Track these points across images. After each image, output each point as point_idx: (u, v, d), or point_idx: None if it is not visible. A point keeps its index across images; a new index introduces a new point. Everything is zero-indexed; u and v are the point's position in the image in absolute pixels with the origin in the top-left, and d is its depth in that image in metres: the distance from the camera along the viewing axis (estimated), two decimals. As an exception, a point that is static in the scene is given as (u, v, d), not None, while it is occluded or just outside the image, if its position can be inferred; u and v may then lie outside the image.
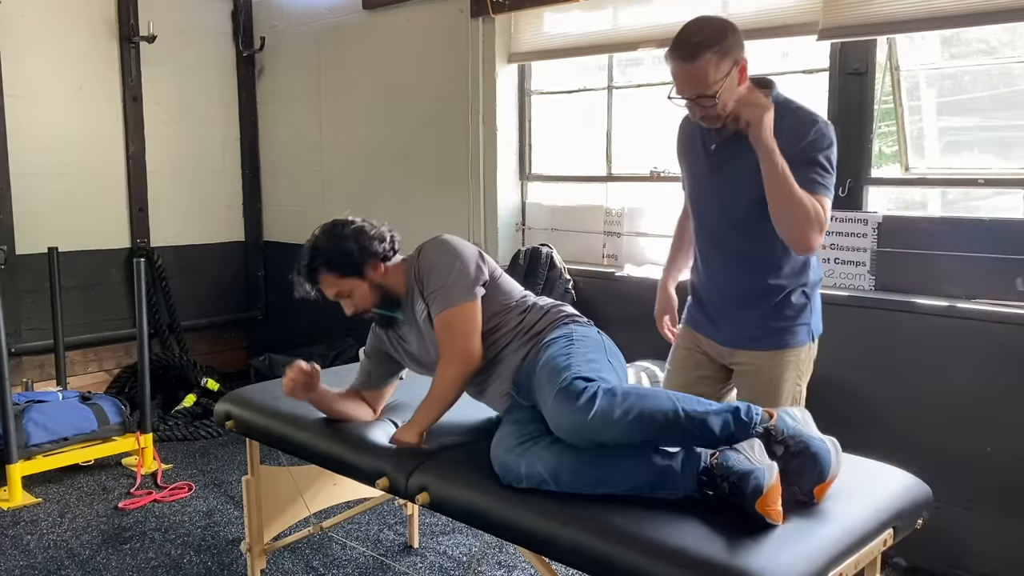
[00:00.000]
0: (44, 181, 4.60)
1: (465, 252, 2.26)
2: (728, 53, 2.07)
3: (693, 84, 2.09)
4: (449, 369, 2.18)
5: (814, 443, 1.79)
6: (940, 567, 2.95)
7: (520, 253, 3.99)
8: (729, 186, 2.23)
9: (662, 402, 1.84)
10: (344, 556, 3.12)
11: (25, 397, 3.92)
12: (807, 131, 2.13)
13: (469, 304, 2.19)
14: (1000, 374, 2.76)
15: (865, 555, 1.72)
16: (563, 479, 1.84)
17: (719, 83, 2.07)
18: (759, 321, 2.28)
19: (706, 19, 2.14)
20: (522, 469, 1.88)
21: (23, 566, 3.05)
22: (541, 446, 1.90)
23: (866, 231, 3.06)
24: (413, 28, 4.43)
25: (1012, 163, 3.02)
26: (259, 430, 2.56)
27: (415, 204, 4.54)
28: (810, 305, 2.30)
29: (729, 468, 1.73)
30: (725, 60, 2.07)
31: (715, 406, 1.87)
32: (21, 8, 4.46)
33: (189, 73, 5.16)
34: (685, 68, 2.08)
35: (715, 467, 1.76)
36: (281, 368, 2.38)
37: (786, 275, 2.25)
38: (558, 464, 1.85)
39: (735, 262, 2.29)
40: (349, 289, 2.29)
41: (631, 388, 1.91)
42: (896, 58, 3.06)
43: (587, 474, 1.83)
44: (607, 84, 3.92)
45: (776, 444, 1.81)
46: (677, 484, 1.79)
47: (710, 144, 2.27)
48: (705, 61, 2.05)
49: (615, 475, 1.82)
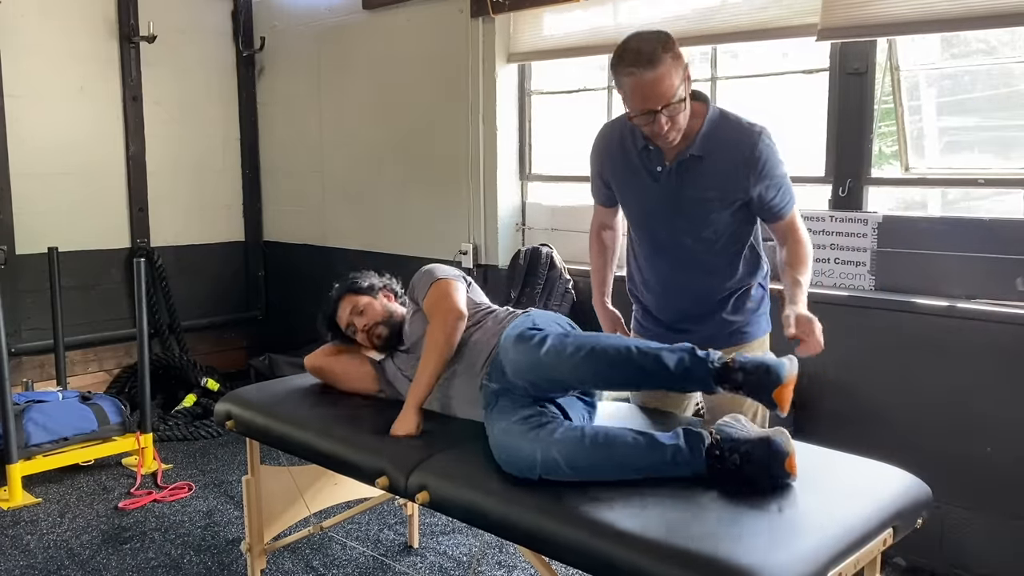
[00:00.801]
0: (44, 181, 4.60)
1: (440, 265, 2.54)
2: (679, 57, 2.05)
3: (659, 93, 2.01)
4: (436, 326, 2.31)
5: (768, 357, 1.89)
6: (940, 567, 2.95)
7: (520, 253, 3.99)
8: (687, 212, 2.23)
9: (614, 340, 1.96)
10: (344, 556, 3.12)
11: (25, 397, 3.92)
12: (756, 151, 2.12)
13: (450, 280, 2.42)
14: (1000, 374, 2.76)
15: (865, 555, 1.72)
16: (579, 464, 1.85)
17: (682, 87, 2.04)
18: (724, 321, 2.30)
19: (646, 32, 2.08)
20: (538, 455, 1.86)
21: (23, 566, 3.05)
22: (551, 432, 1.90)
23: (866, 231, 3.06)
24: (413, 28, 4.43)
25: (1012, 163, 3.02)
26: (259, 430, 2.56)
27: (415, 204, 4.54)
28: (766, 295, 2.34)
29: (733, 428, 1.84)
30: (678, 63, 2.04)
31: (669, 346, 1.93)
32: (21, 8, 4.46)
33: (189, 73, 5.16)
34: (647, 77, 2.00)
35: (719, 442, 1.82)
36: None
37: (743, 275, 2.29)
38: (573, 450, 1.85)
39: (693, 274, 2.30)
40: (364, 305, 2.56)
41: (586, 335, 2.03)
42: (896, 58, 3.06)
43: (601, 460, 1.85)
44: (607, 84, 3.92)
45: (735, 373, 1.87)
46: (688, 462, 1.82)
47: (654, 165, 2.22)
48: (667, 65, 2.00)
49: (628, 459, 1.84)
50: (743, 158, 2.13)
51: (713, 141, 2.16)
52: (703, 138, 2.16)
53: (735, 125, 2.18)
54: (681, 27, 3.44)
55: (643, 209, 2.33)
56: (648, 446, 1.85)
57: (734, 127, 2.17)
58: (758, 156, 2.13)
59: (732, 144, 2.14)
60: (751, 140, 2.14)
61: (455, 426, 2.27)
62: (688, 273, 2.30)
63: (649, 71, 1.99)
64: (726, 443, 1.81)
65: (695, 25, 3.42)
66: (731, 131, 2.16)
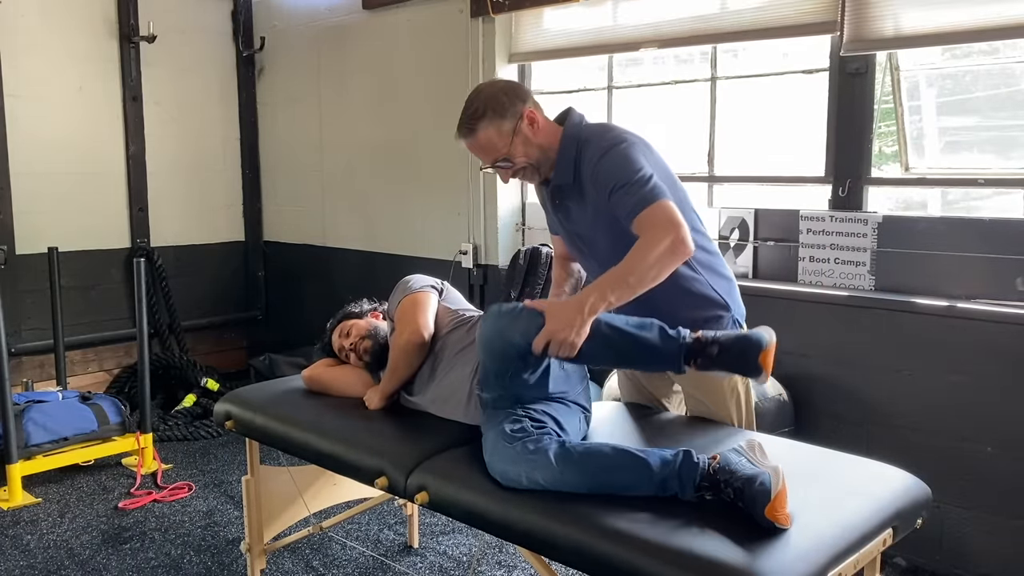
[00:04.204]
0: (44, 181, 4.60)
1: (417, 275, 2.61)
2: (505, 114, 2.12)
3: (486, 153, 2.17)
4: (400, 338, 2.42)
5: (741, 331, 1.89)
6: (940, 567, 2.95)
7: (520, 253, 3.99)
8: (588, 230, 2.23)
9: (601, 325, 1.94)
10: (344, 556, 3.12)
11: (25, 397, 3.92)
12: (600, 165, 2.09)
13: (418, 294, 2.50)
14: (1000, 374, 2.76)
15: (865, 555, 1.72)
16: (564, 489, 1.84)
17: (508, 144, 2.13)
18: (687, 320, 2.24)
19: (479, 87, 2.20)
20: (523, 479, 1.86)
21: (23, 566, 3.05)
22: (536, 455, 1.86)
23: (866, 231, 3.06)
24: (413, 28, 4.43)
25: (1012, 163, 3.02)
26: (259, 430, 2.56)
27: (415, 204, 4.54)
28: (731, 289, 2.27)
29: (731, 472, 1.72)
30: (505, 121, 2.12)
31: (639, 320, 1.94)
32: (21, 8, 4.46)
33: (189, 73, 5.16)
34: (471, 144, 2.17)
35: (716, 472, 1.75)
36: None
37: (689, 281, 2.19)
38: (557, 477, 1.83)
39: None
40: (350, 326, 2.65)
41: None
42: (896, 58, 3.06)
43: (586, 485, 1.82)
44: (607, 84, 3.92)
45: (710, 346, 1.88)
46: (675, 491, 1.78)
47: (553, 198, 2.28)
48: (483, 131, 2.13)
49: (616, 484, 1.82)
50: (591, 172, 2.12)
51: (572, 165, 2.16)
52: (561, 165, 2.18)
53: (590, 143, 2.15)
54: (681, 27, 3.45)
55: (563, 235, 2.37)
56: (636, 472, 1.80)
57: (588, 145, 2.15)
58: (600, 166, 2.10)
59: (584, 161, 2.14)
60: (597, 154, 2.11)
61: (453, 427, 2.27)
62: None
63: (469, 139, 2.16)
64: (723, 475, 1.74)
65: (695, 25, 3.42)
66: (587, 150, 2.14)
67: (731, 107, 3.52)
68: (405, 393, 2.45)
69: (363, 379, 2.58)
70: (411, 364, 2.41)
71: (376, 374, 2.57)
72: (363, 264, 4.86)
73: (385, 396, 2.44)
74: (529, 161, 2.18)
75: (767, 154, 3.57)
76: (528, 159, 2.17)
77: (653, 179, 2.02)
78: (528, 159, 2.17)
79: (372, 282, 4.12)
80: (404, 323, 2.42)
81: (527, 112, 2.14)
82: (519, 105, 2.14)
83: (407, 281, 2.57)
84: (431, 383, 2.39)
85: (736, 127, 3.56)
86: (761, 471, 1.69)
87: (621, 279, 1.92)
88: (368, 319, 2.69)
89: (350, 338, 2.63)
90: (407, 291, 2.52)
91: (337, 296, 3.95)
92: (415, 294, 2.49)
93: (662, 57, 3.83)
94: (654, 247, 1.92)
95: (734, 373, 2.04)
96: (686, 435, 2.18)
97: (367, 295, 2.82)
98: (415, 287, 2.52)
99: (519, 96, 2.16)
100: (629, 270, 1.92)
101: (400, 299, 2.51)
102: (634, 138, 2.14)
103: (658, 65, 3.89)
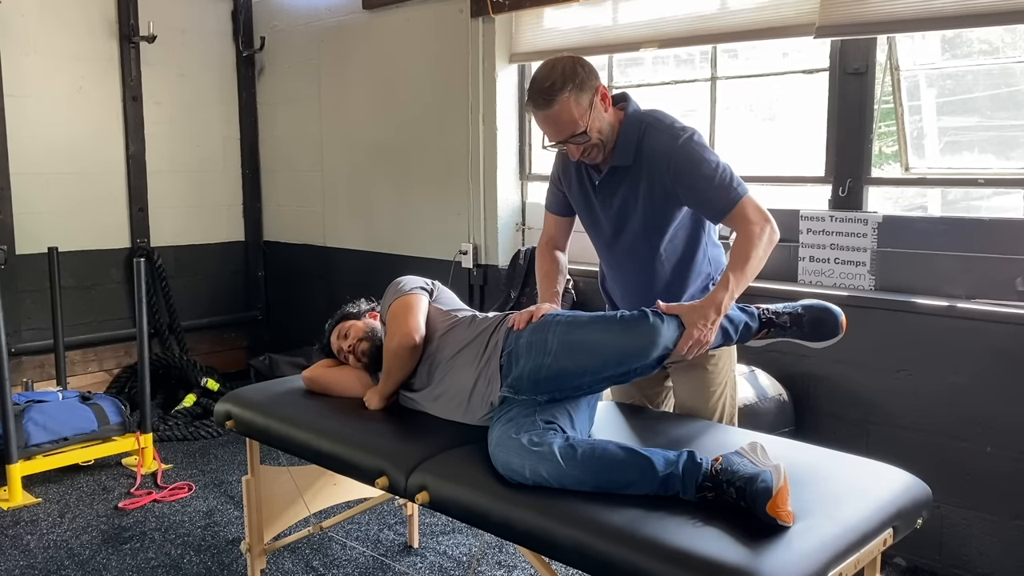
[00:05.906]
0: (44, 181, 4.60)
1: (408, 277, 2.62)
2: (584, 87, 2.10)
3: (561, 128, 2.12)
4: (391, 342, 2.41)
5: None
6: (940, 567, 2.95)
7: (520, 253, 3.99)
8: (630, 218, 2.24)
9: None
10: (344, 556, 3.12)
11: (25, 397, 3.92)
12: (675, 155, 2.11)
13: (408, 296, 2.49)
14: (1000, 374, 2.76)
15: (865, 555, 1.72)
16: (567, 483, 1.85)
17: (585, 118, 2.10)
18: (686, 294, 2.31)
19: (553, 61, 2.15)
20: (527, 472, 1.88)
21: (23, 566, 3.05)
22: (543, 449, 1.88)
23: (866, 231, 3.06)
24: (413, 28, 4.43)
25: (1012, 163, 3.02)
26: (259, 430, 2.56)
27: (415, 204, 4.54)
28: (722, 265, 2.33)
29: (734, 473, 1.73)
30: (583, 94, 2.10)
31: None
32: (21, 8, 4.46)
33: (189, 73, 5.16)
34: (547, 115, 2.11)
35: (719, 472, 1.76)
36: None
37: (701, 274, 2.29)
38: (562, 471, 1.84)
39: (649, 275, 2.30)
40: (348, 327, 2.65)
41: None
42: (896, 58, 3.06)
43: (589, 481, 1.83)
44: (607, 84, 3.92)
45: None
46: (677, 491, 1.79)
47: (594, 179, 2.27)
48: (562, 103, 2.08)
49: (618, 481, 1.82)
50: (664, 161, 2.13)
51: (634, 147, 2.17)
52: (623, 147, 2.18)
53: (657, 128, 2.17)
54: (681, 27, 3.45)
55: (592, 218, 2.36)
56: (640, 470, 1.81)
57: (656, 130, 2.17)
58: (677, 159, 2.12)
59: (653, 148, 2.15)
60: (671, 143, 2.14)
61: (454, 427, 2.27)
62: (645, 275, 2.30)
63: (547, 110, 2.10)
64: (725, 475, 1.74)
65: (695, 25, 3.42)
66: (653, 135, 2.16)
67: (731, 107, 3.52)
68: (405, 393, 2.45)
69: (363, 380, 2.58)
70: (404, 367, 2.40)
71: (375, 375, 2.57)
72: (363, 264, 4.86)
73: (384, 397, 2.44)
74: (601, 138, 2.16)
75: (767, 154, 3.58)
76: (601, 135, 2.15)
77: (733, 174, 2.13)
78: (601, 135, 2.15)
79: (372, 282, 4.11)
80: (395, 326, 2.42)
81: (601, 88, 2.14)
82: (595, 80, 2.13)
83: (398, 283, 2.57)
84: (430, 384, 2.39)
85: (736, 127, 3.56)
86: (763, 469, 1.70)
87: (740, 274, 2.06)
88: (366, 320, 2.69)
89: (348, 339, 2.62)
90: (397, 293, 2.51)
91: (337, 296, 3.95)
92: (405, 296, 2.49)
93: (662, 57, 3.83)
94: (759, 240, 2.08)
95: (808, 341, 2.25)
96: (685, 436, 2.19)
97: (367, 295, 2.82)
98: (405, 289, 2.52)
99: (594, 72, 2.14)
100: (745, 264, 2.06)
101: (391, 302, 2.50)
102: (692, 128, 2.19)
103: (658, 65, 3.89)
